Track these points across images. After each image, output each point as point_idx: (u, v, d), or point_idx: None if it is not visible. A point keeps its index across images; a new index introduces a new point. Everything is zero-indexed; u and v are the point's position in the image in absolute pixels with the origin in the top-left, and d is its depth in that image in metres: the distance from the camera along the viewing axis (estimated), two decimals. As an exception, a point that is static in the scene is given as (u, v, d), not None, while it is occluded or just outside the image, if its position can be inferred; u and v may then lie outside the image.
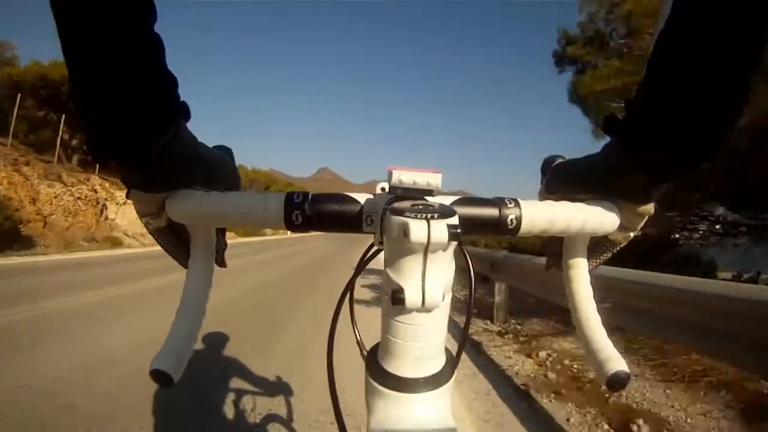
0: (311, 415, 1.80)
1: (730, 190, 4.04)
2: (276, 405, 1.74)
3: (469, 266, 0.34)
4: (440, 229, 0.24)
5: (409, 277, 0.26)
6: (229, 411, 1.77)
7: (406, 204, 0.28)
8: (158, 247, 0.37)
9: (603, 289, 0.47)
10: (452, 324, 0.34)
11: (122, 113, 0.24)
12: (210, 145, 0.34)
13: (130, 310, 3.63)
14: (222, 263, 0.39)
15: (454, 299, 0.31)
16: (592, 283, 0.37)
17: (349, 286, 0.36)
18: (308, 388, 2.08)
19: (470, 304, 0.35)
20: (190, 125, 0.29)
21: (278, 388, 1.95)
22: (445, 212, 0.26)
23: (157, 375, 0.30)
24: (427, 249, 0.25)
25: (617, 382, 0.31)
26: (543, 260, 0.42)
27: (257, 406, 1.63)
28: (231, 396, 1.90)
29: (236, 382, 1.96)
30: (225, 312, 3.60)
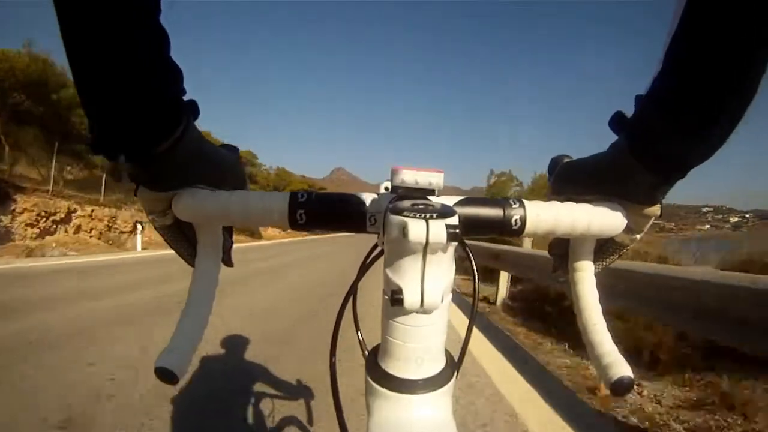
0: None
1: None
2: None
3: (472, 266, 0.34)
4: (439, 229, 0.24)
5: (408, 277, 0.26)
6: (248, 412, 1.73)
7: (406, 203, 0.28)
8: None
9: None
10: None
11: (128, 109, 0.24)
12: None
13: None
14: (229, 262, 0.39)
15: None
16: (597, 286, 0.36)
17: (353, 289, 0.36)
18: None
19: (474, 305, 0.35)
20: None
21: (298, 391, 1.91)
22: (444, 212, 0.25)
23: (162, 372, 0.30)
24: (426, 249, 0.25)
25: (621, 387, 0.31)
26: None
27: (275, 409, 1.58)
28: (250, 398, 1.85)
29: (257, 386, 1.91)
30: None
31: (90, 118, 0.25)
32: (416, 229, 0.24)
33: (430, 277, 0.26)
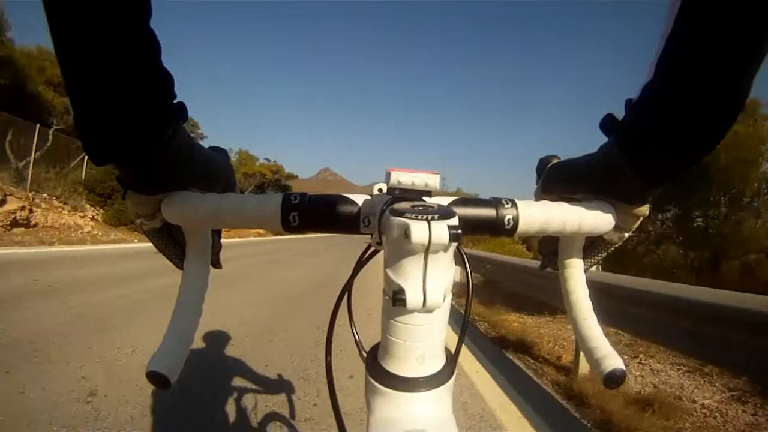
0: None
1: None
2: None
3: (466, 267, 0.35)
4: (441, 230, 0.24)
5: (409, 278, 0.26)
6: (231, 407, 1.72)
7: (406, 205, 0.28)
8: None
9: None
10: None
11: (118, 114, 0.24)
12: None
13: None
14: (217, 265, 0.39)
15: None
16: (587, 283, 0.37)
17: (347, 287, 0.36)
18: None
19: (468, 304, 0.35)
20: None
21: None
22: (445, 213, 0.26)
23: (154, 377, 0.30)
24: (428, 250, 0.25)
25: (614, 380, 0.32)
26: None
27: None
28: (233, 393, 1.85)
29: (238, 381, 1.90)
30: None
31: (79, 121, 0.24)
32: (419, 230, 0.24)
33: (432, 277, 0.26)
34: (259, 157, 32.67)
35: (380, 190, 0.33)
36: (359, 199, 0.33)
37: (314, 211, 0.32)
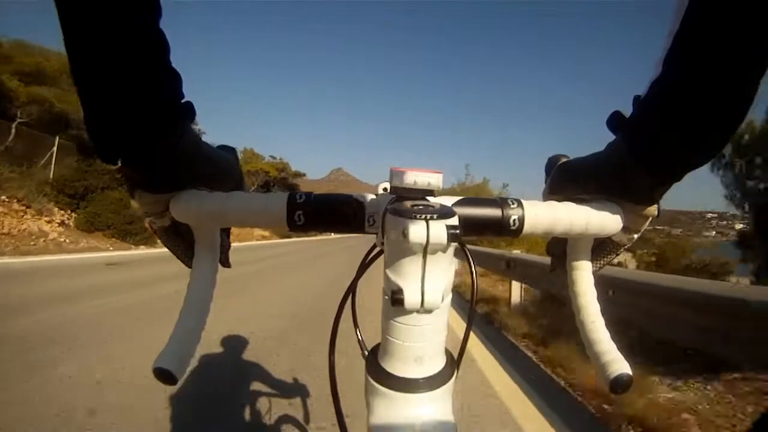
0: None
1: None
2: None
3: (471, 266, 0.34)
4: (439, 230, 0.24)
5: (408, 277, 0.26)
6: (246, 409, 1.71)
7: (405, 204, 0.28)
8: None
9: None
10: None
11: (127, 113, 0.24)
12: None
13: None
14: (226, 263, 0.39)
15: None
16: (595, 285, 0.36)
17: (352, 288, 0.36)
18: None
19: (472, 304, 0.35)
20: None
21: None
22: (444, 213, 0.26)
23: (160, 373, 0.30)
24: (426, 250, 0.25)
25: (620, 384, 0.31)
26: None
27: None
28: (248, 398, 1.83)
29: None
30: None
31: (89, 122, 0.25)
32: (417, 230, 0.24)
33: (431, 277, 0.26)
34: (265, 155, 31.17)
35: (384, 189, 0.33)
36: (364, 198, 0.33)
37: (319, 210, 0.32)
